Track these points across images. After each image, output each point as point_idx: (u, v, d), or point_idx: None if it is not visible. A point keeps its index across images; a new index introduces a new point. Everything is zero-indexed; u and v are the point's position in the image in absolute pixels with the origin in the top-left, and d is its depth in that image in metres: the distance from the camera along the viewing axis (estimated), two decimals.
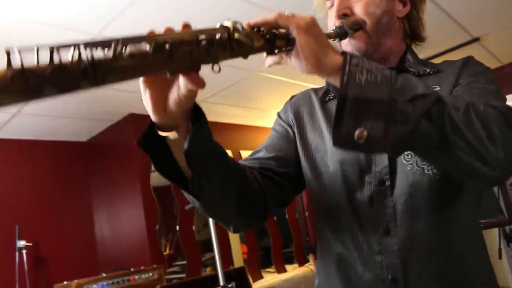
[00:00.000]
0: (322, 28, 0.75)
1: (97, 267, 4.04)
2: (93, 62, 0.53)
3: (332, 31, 0.90)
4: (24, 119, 3.58)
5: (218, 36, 0.66)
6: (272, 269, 4.79)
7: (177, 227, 4.12)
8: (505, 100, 0.87)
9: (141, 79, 0.68)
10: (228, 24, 0.68)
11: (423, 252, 0.88)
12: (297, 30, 0.71)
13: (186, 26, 0.66)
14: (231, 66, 3.21)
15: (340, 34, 0.90)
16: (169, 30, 0.63)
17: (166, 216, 4.17)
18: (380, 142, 0.67)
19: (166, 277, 3.70)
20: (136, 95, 3.46)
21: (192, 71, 0.65)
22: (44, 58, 0.50)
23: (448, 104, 0.70)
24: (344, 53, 0.74)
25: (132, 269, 3.25)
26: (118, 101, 3.57)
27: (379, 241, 0.90)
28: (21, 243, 3.44)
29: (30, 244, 3.51)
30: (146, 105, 0.71)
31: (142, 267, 3.32)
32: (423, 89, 0.70)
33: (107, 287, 3.03)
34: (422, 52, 1.10)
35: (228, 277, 2.81)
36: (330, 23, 0.99)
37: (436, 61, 1.08)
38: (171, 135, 0.73)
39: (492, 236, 3.57)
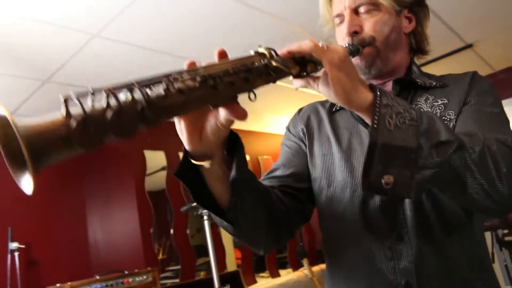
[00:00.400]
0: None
1: (90, 270, 4.00)
2: (149, 102, 0.52)
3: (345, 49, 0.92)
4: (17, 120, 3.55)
5: (256, 64, 0.67)
6: (266, 274, 4.77)
7: (171, 231, 4.10)
8: (508, 123, 0.92)
9: None
10: (263, 51, 0.70)
11: (436, 256, 0.89)
12: (330, 65, 0.74)
13: (222, 53, 0.67)
14: None
15: (353, 51, 0.93)
16: (210, 63, 0.64)
17: (160, 221, 4.15)
18: (406, 188, 0.71)
19: (160, 282, 3.67)
20: None
21: (232, 102, 0.66)
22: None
23: (467, 149, 0.74)
24: (373, 89, 0.77)
25: (126, 272, 3.23)
26: None
27: (391, 247, 0.92)
28: (13, 245, 3.40)
29: (23, 246, 3.47)
30: (181, 135, 0.72)
31: (136, 270, 3.29)
32: (445, 133, 0.74)
33: None
34: (415, 58, 1.14)
35: (222, 281, 2.80)
36: (339, 39, 1.03)
37: (430, 67, 1.12)
38: (206, 164, 0.74)
39: None
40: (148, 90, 0.54)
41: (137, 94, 0.52)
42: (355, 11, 1.01)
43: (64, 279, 3.13)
